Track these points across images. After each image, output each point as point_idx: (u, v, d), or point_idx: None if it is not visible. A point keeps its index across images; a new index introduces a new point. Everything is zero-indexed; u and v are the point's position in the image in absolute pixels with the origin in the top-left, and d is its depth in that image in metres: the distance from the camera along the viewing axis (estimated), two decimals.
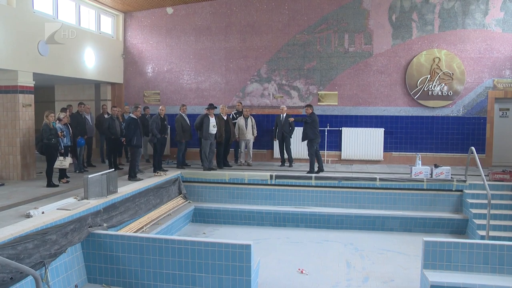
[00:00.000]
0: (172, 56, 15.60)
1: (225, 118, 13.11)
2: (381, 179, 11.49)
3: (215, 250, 7.10)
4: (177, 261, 7.27)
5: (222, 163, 13.23)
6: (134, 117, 11.12)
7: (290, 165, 13.50)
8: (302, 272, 8.37)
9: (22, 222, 7.01)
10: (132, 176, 10.92)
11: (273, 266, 8.63)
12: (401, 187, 11.39)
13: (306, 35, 14.61)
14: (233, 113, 14.24)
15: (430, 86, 13.94)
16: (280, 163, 13.79)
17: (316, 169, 12.30)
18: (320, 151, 13.11)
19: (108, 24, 15.60)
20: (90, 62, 14.00)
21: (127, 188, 9.75)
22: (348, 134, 14.42)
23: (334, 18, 14.41)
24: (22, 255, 6.28)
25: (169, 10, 15.46)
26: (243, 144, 13.92)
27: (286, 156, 13.70)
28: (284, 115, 13.51)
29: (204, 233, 10.77)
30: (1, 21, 10.54)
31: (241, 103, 14.52)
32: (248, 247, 6.97)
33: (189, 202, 11.96)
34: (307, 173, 12.09)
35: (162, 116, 12.59)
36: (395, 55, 14.14)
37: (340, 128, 14.35)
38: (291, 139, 13.68)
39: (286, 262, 8.89)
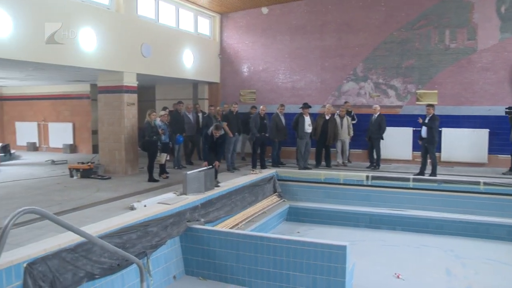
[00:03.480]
0: (267, 55, 15.71)
1: (327, 117, 12.91)
2: (485, 183, 10.71)
3: (310, 249, 7.02)
4: (272, 258, 7.27)
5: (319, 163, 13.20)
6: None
7: (376, 167, 12.90)
8: (398, 277, 8.02)
9: (127, 214, 7.40)
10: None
11: (368, 269, 8.35)
12: (509, 192, 10.53)
13: (404, 32, 14.02)
14: (337, 112, 13.82)
15: None
16: (369, 164, 13.29)
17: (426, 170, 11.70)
18: (418, 152, 12.53)
19: (206, 26, 16.06)
20: (188, 63, 14.49)
21: (223, 185, 9.95)
22: (449, 135, 13.59)
23: (434, 13, 13.69)
24: (127, 244, 6.60)
25: (264, 10, 15.58)
26: (339, 144, 13.63)
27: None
28: (376, 115, 12.98)
29: (298, 232, 10.70)
30: (110, 26, 11.27)
31: (348, 102, 14.13)
32: (343, 248, 6.81)
33: (284, 200, 11.96)
34: (430, 175, 11.46)
35: (262, 115, 12.68)
36: (503, 50, 13.12)
37: (440, 129, 13.55)
38: (382, 140, 12.99)
39: (381, 266, 8.57)
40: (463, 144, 13.47)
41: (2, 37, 8.58)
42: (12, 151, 16.40)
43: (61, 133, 18.14)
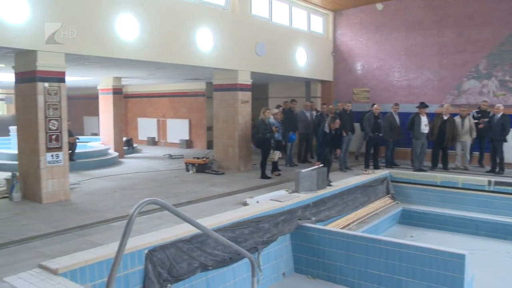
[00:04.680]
0: (382, 53, 15.26)
1: (445, 117, 12.27)
2: None
3: (425, 255, 6.74)
4: (383, 262, 7.09)
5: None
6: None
7: (500, 171, 11.85)
8: None
9: (240, 209, 7.61)
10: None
11: (490, 281, 7.75)
12: None
13: None
14: (474, 112, 12.84)
15: None
16: (490, 169, 12.22)
17: None
18: None
19: (319, 23, 15.99)
20: (301, 61, 14.54)
21: (335, 185, 9.86)
22: None
23: None
24: (239, 239, 6.79)
25: (379, 6, 15.14)
26: (459, 146, 12.81)
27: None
28: (499, 115, 11.80)
29: (411, 236, 10.27)
30: (226, 26, 11.67)
31: (486, 101, 13.01)
32: (462, 256, 6.43)
33: (397, 202, 11.56)
34: None
35: (376, 114, 12.37)
36: None
37: None
38: (505, 142, 11.82)
39: (506, 280, 7.92)
40: None
41: (130, 40, 9.25)
42: (134, 145, 17.62)
43: (178, 129, 19.16)
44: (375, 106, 12.54)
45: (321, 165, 9.57)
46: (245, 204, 8.00)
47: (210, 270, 6.28)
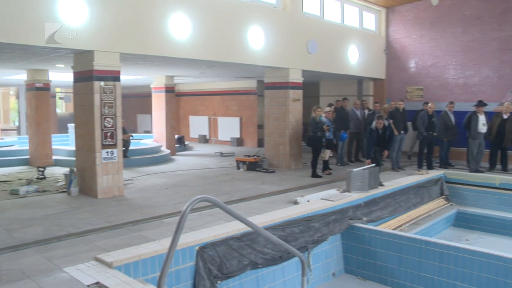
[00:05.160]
0: (437, 49, 14.80)
1: (505, 117, 11.74)
2: None
3: (482, 261, 6.49)
4: (437, 265, 6.89)
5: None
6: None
7: None
8: None
9: (290, 208, 7.59)
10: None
11: None
12: None
13: None
14: None
15: None
16: None
17: None
18: None
19: (371, 20, 15.70)
20: (353, 58, 14.32)
21: (387, 185, 9.67)
22: None
23: None
24: (290, 237, 6.77)
25: (434, 1, 14.64)
26: None
27: None
28: None
29: (467, 239, 9.92)
30: (277, 24, 11.65)
31: None
32: None
33: (452, 204, 11.19)
34: None
35: (430, 113, 12.00)
36: None
37: None
38: None
39: None
40: None
41: (182, 38, 9.40)
42: (186, 143, 17.91)
43: (229, 127, 19.32)
44: (429, 104, 12.17)
45: (372, 164, 9.41)
46: (295, 202, 7.97)
47: (259, 268, 6.29)
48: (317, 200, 8.05)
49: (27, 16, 7.23)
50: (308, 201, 8.02)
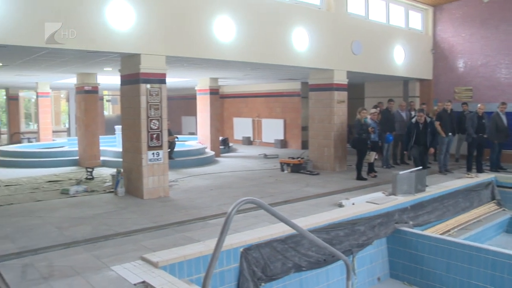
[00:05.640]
0: (488, 48, 14.30)
1: None
2: None
3: None
4: (489, 273, 6.63)
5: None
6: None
7: None
8: None
9: (335, 210, 7.52)
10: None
11: None
12: None
13: None
14: None
15: None
16: None
17: None
18: None
19: (417, 20, 15.34)
20: (399, 59, 14.04)
21: (435, 188, 9.41)
22: None
23: None
24: (334, 240, 6.69)
25: None
26: None
27: None
28: None
29: None
30: (321, 25, 11.58)
31: None
32: None
33: (504, 209, 10.74)
34: None
35: (480, 115, 11.61)
36: None
37: None
38: None
39: None
40: None
41: (227, 41, 9.46)
42: (230, 144, 18.01)
43: (273, 129, 19.30)
44: (479, 105, 11.78)
45: (420, 167, 9.20)
46: (340, 205, 7.88)
47: (303, 271, 6.25)
48: (362, 203, 7.94)
49: (84, 21, 7.53)
50: (353, 204, 7.92)
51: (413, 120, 9.74)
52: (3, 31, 6.81)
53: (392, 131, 12.61)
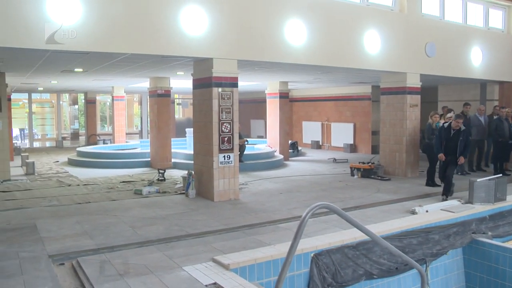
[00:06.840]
0: None
1: None
2: None
3: None
4: None
5: None
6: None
7: None
8: None
9: (408, 218, 7.30)
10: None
11: None
12: None
13: None
14: None
15: None
16: None
17: None
18: None
19: (498, 18, 14.57)
20: (476, 60, 13.40)
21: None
22: None
23: None
24: (407, 249, 6.49)
25: None
26: None
27: None
28: None
29: None
30: (393, 27, 11.32)
31: None
32: None
33: None
34: None
35: None
36: None
37: None
38: None
39: None
40: None
41: (298, 44, 9.45)
42: (299, 148, 17.96)
43: (342, 133, 19.04)
44: None
45: (500, 174, 8.72)
46: (413, 212, 7.64)
47: (374, 279, 6.11)
48: (437, 211, 7.66)
49: (160, 27, 7.83)
50: (427, 211, 7.65)
51: (445, 124, 9.11)
52: (86, 39, 7.19)
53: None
